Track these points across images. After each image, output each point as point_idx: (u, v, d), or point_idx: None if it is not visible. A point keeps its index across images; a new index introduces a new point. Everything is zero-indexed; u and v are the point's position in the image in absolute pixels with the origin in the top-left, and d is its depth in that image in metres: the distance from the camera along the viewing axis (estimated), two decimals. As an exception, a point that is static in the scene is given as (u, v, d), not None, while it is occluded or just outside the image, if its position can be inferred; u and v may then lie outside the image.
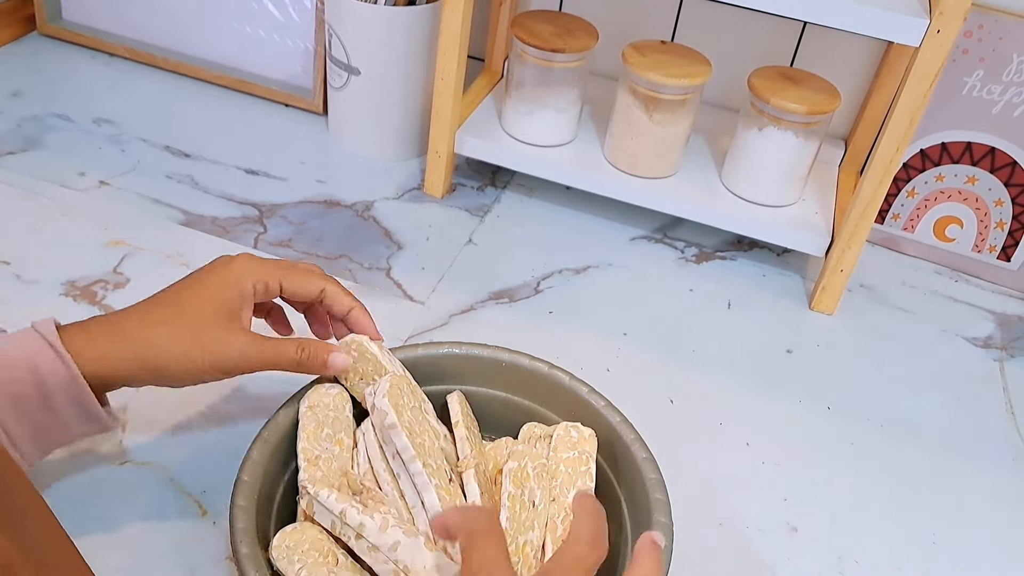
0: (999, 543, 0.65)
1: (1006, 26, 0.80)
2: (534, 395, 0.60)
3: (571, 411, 0.59)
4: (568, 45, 0.82)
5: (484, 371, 0.60)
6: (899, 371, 0.78)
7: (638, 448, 0.55)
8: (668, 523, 0.51)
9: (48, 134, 0.90)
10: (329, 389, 0.55)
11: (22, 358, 0.48)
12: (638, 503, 0.53)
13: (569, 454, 0.55)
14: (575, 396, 0.59)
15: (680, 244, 0.88)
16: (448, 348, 0.60)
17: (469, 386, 0.61)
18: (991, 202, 0.87)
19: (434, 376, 0.60)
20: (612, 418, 0.57)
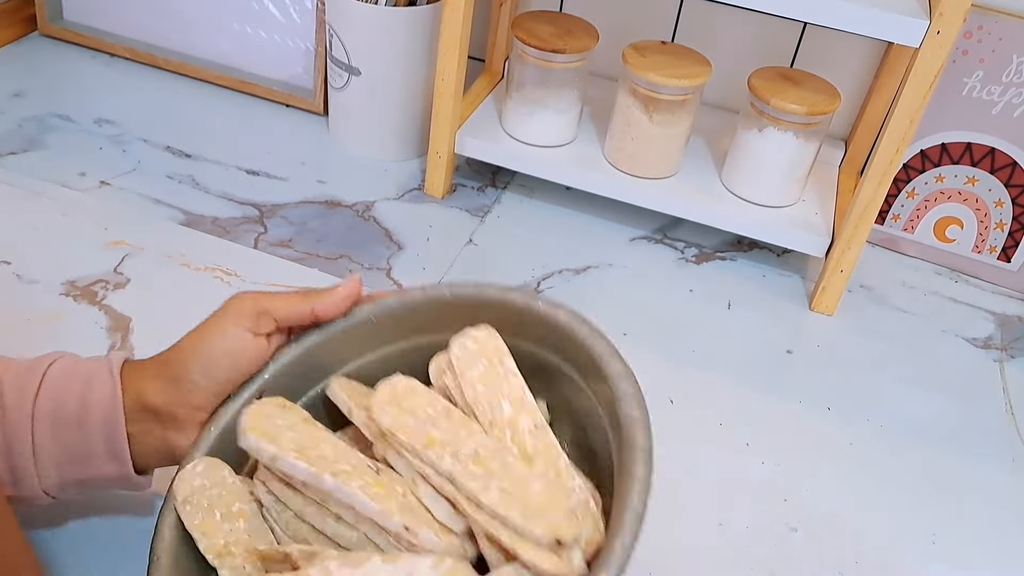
0: (999, 543, 0.65)
1: (1006, 27, 0.80)
2: None
3: (537, 334, 0.51)
4: (568, 46, 0.82)
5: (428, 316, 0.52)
6: (899, 372, 0.78)
7: (610, 360, 0.49)
8: (647, 445, 0.45)
9: (49, 134, 0.90)
10: (193, 468, 0.47)
11: (85, 373, 0.48)
12: (615, 420, 0.47)
13: (478, 370, 0.47)
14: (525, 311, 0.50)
15: (680, 244, 0.89)
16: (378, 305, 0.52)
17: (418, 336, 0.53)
18: (991, 203, 0.87)
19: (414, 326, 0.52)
20: (580, 329, 0.50)
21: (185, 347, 0.48)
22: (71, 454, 0.47)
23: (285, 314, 0.49)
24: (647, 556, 0.59)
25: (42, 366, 0.48)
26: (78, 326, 0.69)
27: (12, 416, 0.46)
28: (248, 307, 0.49)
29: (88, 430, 0.47)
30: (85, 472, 0.48)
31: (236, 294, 0.49)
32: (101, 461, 0.48)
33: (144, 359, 0.50)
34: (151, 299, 0.73)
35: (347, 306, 0.51)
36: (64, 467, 0.48)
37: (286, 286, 0.76)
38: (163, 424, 0.48)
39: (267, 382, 0.50)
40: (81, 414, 0.47)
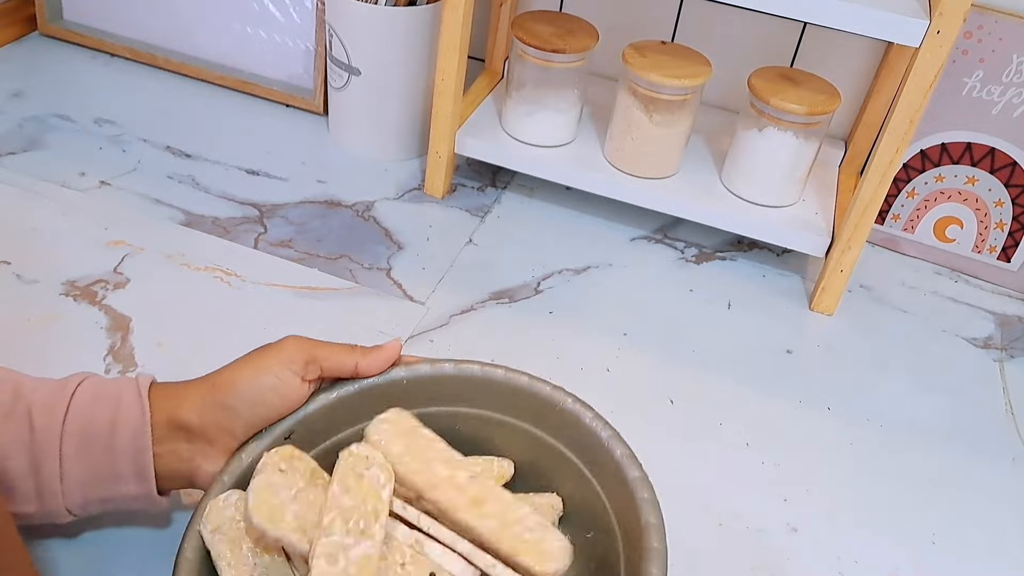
0: (998, 543, 0.65)
1: (1006, 27, 0.80)
2: (510, 409, 0.55)
3: (554, 424, 0.54)
4: (568, 45, 0.82)
5: (470, 390, 0.55)
6: (899, 371, 0.78)
7: (629, 464, 0.50)
8: (662, 548, 0.46)
9: (49, 134, 0.90)
10: (226, 499, 0.48)
11: (113, 394, 0.49)
12: (629, 525, 0.49)
13: (400, 445, 0.49)
14: (553, 406, 0.54)
15: (680, 244, 0.89)
16: (431, 367, 0.55)
17: (455, 407, 0.56)
18: (991, 203, 0.87)
19: (419, 398, 0.55)
20: (602, 432, 0.52)
21: (235, 376, 0.50)
22: (97, 474, 0.48)
23: (332, 366, 0.52)
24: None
25: (70, 387, 0.49)
26: (78, 326, 0.69)
27: (41, 436, 0.47)
28: (302, 352, 0.51)
29: (115, 451, 0.48)
30: (109, 491, 0.49)
31: (291, 336, 0.52)
32: (126, 481, 0.49)
33: (182, 381, 0.51)
34: (151, 299, 0.73)
35: (386, 367, 0.54)
36: (89, 487, 0.49)
37: (286, 286, 0.76)
38: (192, 444, 0.49)
39: (297, 424, 0.52)
40: (109, 435, 0.48)
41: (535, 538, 0.45)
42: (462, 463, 0.49)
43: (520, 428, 0.55)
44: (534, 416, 0.54)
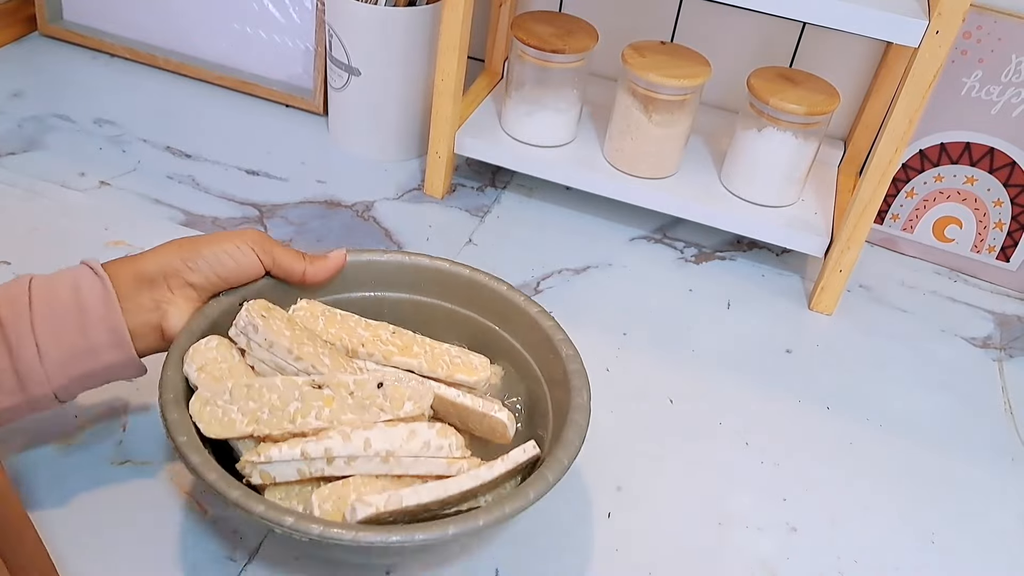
0: (998, 543, 0.65)
1: (1005, 27, 0.81)
2: (458, 299, 0.64)
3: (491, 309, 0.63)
4: (568, 46, 0.82)
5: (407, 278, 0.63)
6: (898, 371, 0.78)
7: (554, 332, 0.60)
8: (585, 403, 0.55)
9: (49, 134, 0.90)
10: (207, 344, 0.53)
11: (69, 279, 0.52)
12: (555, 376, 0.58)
13: (320, 323, 0.58)
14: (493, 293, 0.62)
15: (680, 244, 0.89)
16: (374, 255, 0.63)
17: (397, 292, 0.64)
18: (990, 202, 0.88)
19: (364, 282, 0.63)
20: (536, 316, 0.61)
21: (197, 239, 0.55)
22: (75, 351, 0.51)
23: (284, 264, 0.58)
24: (647, 556, 0.59)
25: (23, 281, 0.52)
26: (78, 326, 0.69)
27: (11, 327, 0.50)
28: (262, 240, 0.57)
29: (88, 326, 0.51)
30: (89, 366, 0.52)
31: (250, 228, 0.59)
32: (104, 351, 0.52)
33: None
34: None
35: (332, 276, 0.61)
36: (69, 365, 0.51)
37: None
38: (154, 291, 0.54)
39: (250, 292, 0.58)
40: (78, 312, 0.51)
41: (462, 361, 0.58)
42: (380, 325, 0.59)
43: (454, 312, 0.64)
44: (468, 300, 0.63)
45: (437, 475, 0.50)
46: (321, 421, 0.50)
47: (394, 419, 0.51)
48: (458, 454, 0.51)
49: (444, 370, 0.57)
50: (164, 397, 0.50)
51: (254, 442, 0.50)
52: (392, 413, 0.51)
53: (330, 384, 0.51)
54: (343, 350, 0.56)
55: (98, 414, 0.62)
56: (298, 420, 0.50)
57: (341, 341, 0.56)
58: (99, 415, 0.62)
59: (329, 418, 0.50)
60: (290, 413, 0.50)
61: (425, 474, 0.50)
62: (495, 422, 0.54)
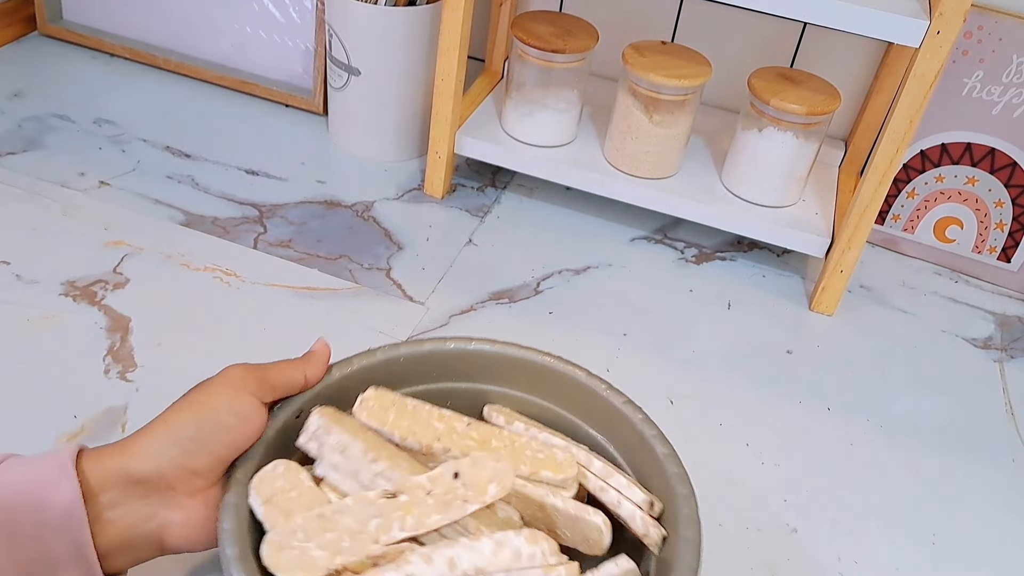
0: (998, 544, 0.65)
1: (1006, 27, 0.80)
2: (551, 394, 0.57)
3: (590, 410, 0.56)
4: (568, 45, 0.82)
5: (496, 368, 0.57)
6: (899, 372, 0.78)
7: (658, 443, 0.53)
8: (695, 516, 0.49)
9: (48, 134, 0.90)
10: (274, 469, 0.47)
11: (33, 471, 0.43)
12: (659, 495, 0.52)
13: (391, 415, 0.51)
14: (593, 394, 0.56)
15: (680, 245, 0.89)
16: (464, 344, 0.57)
17: (483, 384, 0.57)
18: (991, 203, 0.87)
19: (442, 374, 0.57)
20: (633, 416, 0.54)
21: (188, 410, 0.46)
22: (31, 563, 0.42)
23: (282, 383, 0.50)
24: (647, 556, 0.59)
25: None
26: (77, 326, 0.69)
27: None
28: (251, 375, 0.48)
29: (47, 535, 0.42)
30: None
31: (232, 365, 0.48)
32: (65, 566, 0.42)
33: (122, 439, 0.46)
34: (150, 299, 0.73)
35: (326, 367, 0.53)
36: None
37: (286, 286, 0.76)
38: (150, 498, 0.44)
39: (277, 434, 0.50)
40: (38, 519, 0.42)
41: (545, 456, 0.51)
42: (455, 416, 0.52)
43: (514, 397, 0.57)
44: (529, 385, 0.57)
45: None
46: (406, 531, 0.44)
47: (482, 507, 0.46)
48: (553, 560, 0.45)
49: (527, 467, 0.50)
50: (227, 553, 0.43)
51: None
52: (478, 502, 0.45)
53: (404, 489, 0.45)
54: (417, 446, 0.50)
55: (98, 414, 0.62)
56: (382, 537, 0.44)
57: (414, 435, 0.50)
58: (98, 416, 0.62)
59: (414, 526, 0.45)
60: (372, 532, 0.44)
61: None
62: (589, 527, 0.48)
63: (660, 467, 0.51)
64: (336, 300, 0.76)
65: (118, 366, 0.66)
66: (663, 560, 0.48)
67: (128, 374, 0.66)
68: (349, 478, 0.47)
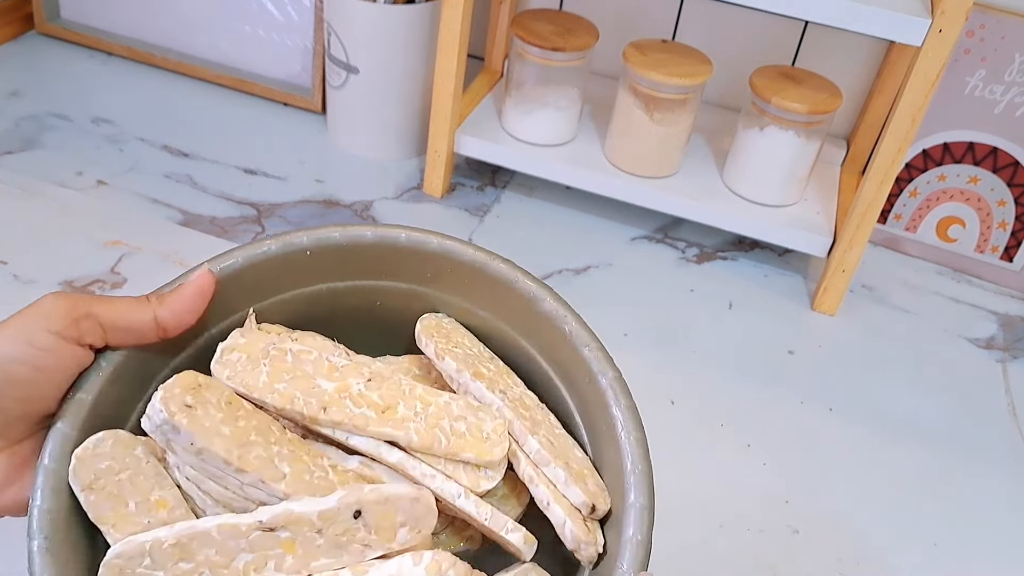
0: (1000, 544, 0.64)
1: (1008, 26, 0.80)
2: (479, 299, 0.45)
3: (548, 344, 0.44)
4: (568, 44, 0.82)
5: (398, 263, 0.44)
6: (901, 372, 0.78)
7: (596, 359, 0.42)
8: None
9: (46, 133, 0.89)
10: (98, 445, 0.36)
11: None
12: (594, 421, 0.42)
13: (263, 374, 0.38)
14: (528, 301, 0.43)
15: (681, 244, 0.88)
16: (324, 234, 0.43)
17: None
18: (993, 202, 0.87)
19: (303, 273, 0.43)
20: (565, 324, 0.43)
21: None
22: None
23: (120, 322, 0.37)
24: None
25: None
26: (75, 326, 0.69)
27: None
28: (66, 309, 0.36)
29: None
30: None
31: (51, 293, 0.37)
32: None
33: None
34: (148, 299, 0.72)
35: (199, 309, 0.39)
36: None
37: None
38: None
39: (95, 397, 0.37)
40: None
41: (468, 426, 0.39)
42: (351, 368, 0.39)
43: (460, 306, 0.45)
44: (476, 293, 0.44)
45: None
46: (284, 573, 0.35)
47: (388, 554, 0.36)
48: None
49: (443, 445, 0.38)
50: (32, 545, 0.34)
51: None
52: (382, 547, 0.35)
53: (287, 524, 0.35)
54: (299, 418, 0.38)
55: None
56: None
57: (293, 404, 0.38)
58: None
59: (295, 568, 0.35)
60: (240, 569, 0.35)
61: None
62: (504, 542, 0.38)
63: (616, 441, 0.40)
64: (335, 300, 0.75)
65: (115, 366, 0.66)
66: None
67: (125, 375, 0.65)
68: (210, 479, 0.36)
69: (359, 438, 0.38)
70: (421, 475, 0.38)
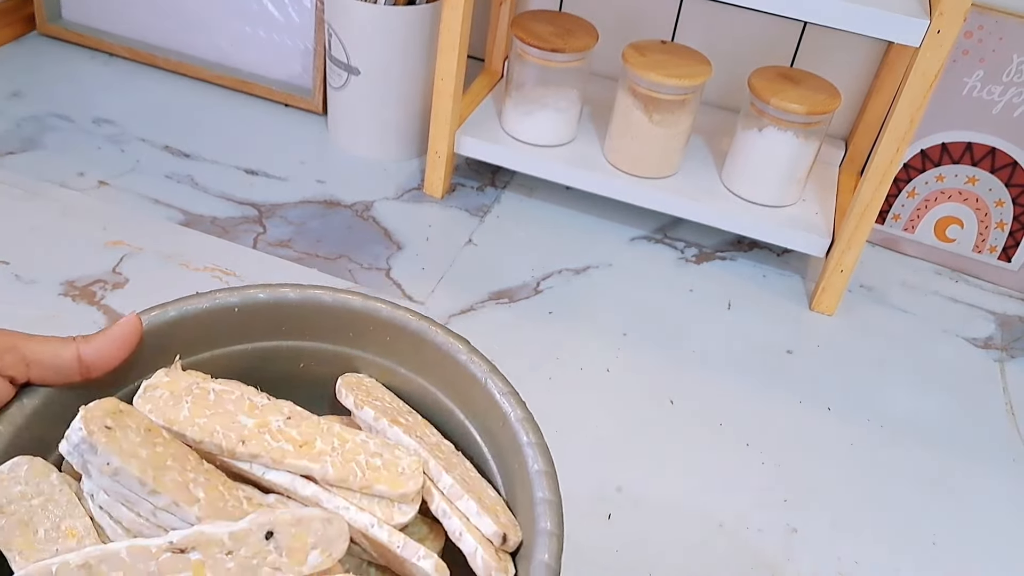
0: (999, 544, 0.65)
1: (1006, 26, 0.80)
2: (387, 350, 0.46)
3: (462, 391, 0.44)
4: (568, 45, 0.82)
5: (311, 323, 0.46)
6: (899, 372, 0.78)
7: (508, 403, 0.42)
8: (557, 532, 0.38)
9: (48, 134, 0.90)
10: (12, 471, 0.37)
11: None
12: (510, 468, 0.42)
13: (184, 409, 0.39)
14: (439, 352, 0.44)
15: (680, 244, 0.88)
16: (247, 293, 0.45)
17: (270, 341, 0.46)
18: (991, 202, 0.87)
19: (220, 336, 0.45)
20: (503, 403, 0.42)
21: None
22: None
23: (43, 359, 0.38)
24: (648, 556, 0.59)
25: None
26: (77, 326, 0.69)
27: None
28: None
29: None
30: None
31: None
32: None
33: None
34: (150, 299, 0.72)
35: (123, 349, 0.40)
36: None
37: (285, 286, 0.76)
38: None
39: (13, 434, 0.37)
40: None
41: (385, 462, 0.40)
42: (271, 407, 0.41)
43: (382, 365, 0.46)
44: (397, 351, 0.45)
45: None
46: None
47: None
48: None
49: (358, 478, 0.39)
50: None
51: None
52: (293, 572, 0.36)
53: (198, 545, 0.35)
54: (217, 451, 0.39)
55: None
56: None
57: (212, 437, 0.38)
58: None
59: None
60: None
61: None
62: (416, 570, 0.38)
63: (527, 475, 0.40)
64: (336, 300, 0.75)
65: (117, 366, 0.66)
66: None
67: (127, 374, 0.66)
68: (123, 505, 0.36)
69: (275, 473, 0.39)
70: (335, 507, 0.38)
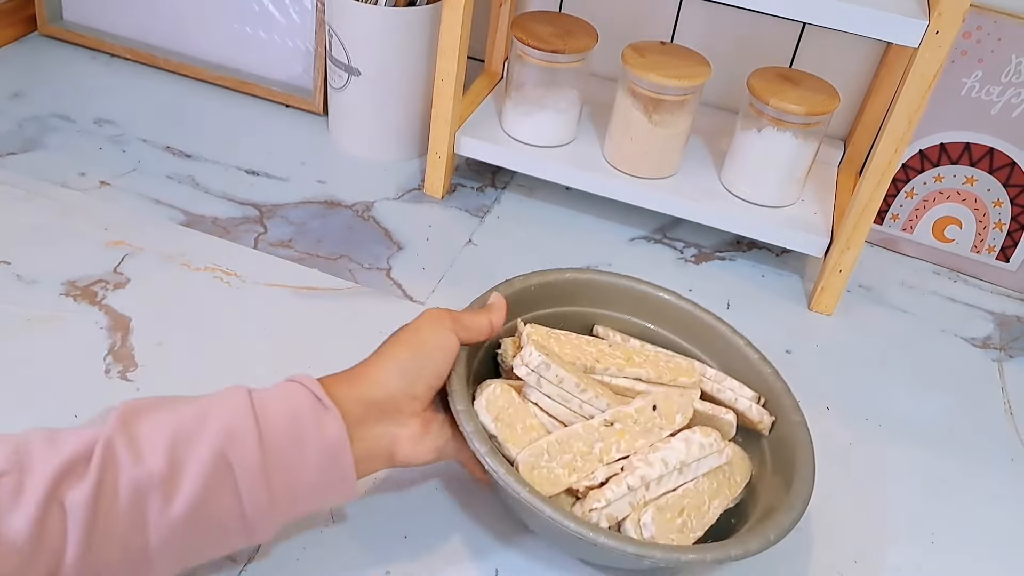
0: (998, 543, 0.65)
1: (1005, 27, 0.81)
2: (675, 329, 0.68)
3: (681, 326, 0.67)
4: (568, 46, 0.82)
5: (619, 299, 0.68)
6: (898, 371, 0.78)
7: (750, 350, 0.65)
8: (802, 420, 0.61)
9: (49, 134, 0.90)
10: (493, 391, 0.56)
11: (294, 411, 0.49)
12: None
13: None
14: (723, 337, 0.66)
15: (679, 244, 0.89)
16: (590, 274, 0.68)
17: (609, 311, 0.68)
18: (990, 203, 0.88)
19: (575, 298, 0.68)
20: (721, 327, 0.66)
21: (402, 344, 0.54)
22: (305, 493, 0.49)
23: (474, 325, 0.57)
24: (646, 555, 0.59)
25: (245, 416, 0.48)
26: (78, 326, 0.69)
27: (243, 474, 0.47)
28: (447, 316, 0.56)
29: (323, 469, 0.49)
30: (313, 505, 0.51)
31: (429, 308, 0.57)
32: (331, 493, 0.51)
33: (348, 370, 0.54)
34: (151, 299, 0.73)
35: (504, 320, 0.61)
36: (296, 506, 0.50)
37: (286, 286, 0.76)
38: (384, 418, 0.52)
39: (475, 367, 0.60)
40: (315, 457, 0.49)
41: (675, 365, 0.63)
42: (596, 341, 0.63)
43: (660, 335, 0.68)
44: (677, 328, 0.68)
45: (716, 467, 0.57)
46: (621, 452, 0.56)
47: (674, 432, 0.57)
48: (722, 444, 0.57)
49: (668, 375, 0.62)
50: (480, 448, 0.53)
51: None
52: (670, 428, 0.57)
53: (618, 419, 0.57)
54: (583, 368, 0.60)
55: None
56: (605, 458, 0.55)
57: (579, 359, 0.60)
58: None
59: (626, 448, 0.56)
60: (597, 454, 0.55)
61: (708, 469, 0.56)
62: (721, 423, 0.61)
63: (755, 368, 0.64)
64: (336, 300, 0.76)
65: (119, 366, 0.66)
66: (775, 440, 0.61)
67: (128, 374, 0.66)
68: (558, 403, 0.57)
69: (619, 379, 0.61)
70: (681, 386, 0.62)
